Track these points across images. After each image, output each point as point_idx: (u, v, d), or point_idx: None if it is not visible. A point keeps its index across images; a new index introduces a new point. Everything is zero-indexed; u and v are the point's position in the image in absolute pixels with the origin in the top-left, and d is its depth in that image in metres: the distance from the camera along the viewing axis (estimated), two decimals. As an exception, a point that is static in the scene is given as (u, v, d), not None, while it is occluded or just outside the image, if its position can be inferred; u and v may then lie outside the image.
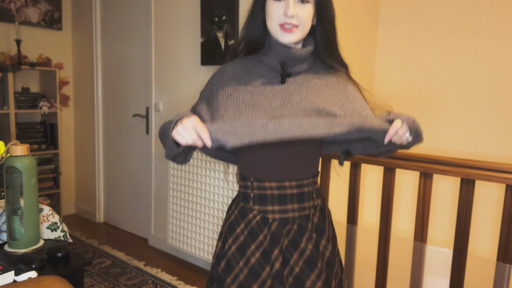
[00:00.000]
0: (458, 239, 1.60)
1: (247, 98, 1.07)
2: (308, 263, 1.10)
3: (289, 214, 1.12)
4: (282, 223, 1.11)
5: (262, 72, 1.12)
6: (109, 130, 3.51)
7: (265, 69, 1.12)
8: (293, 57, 1.09)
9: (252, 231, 1.12)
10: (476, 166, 1.53)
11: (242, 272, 1.09)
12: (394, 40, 2.90)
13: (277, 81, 1.11)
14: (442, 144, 2.75)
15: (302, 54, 1.10)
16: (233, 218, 1.16)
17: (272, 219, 1.12)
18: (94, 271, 2.62)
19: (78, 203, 3.86)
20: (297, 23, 1.05)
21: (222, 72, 1.16)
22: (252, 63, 1.14)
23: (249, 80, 1.11)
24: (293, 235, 1.11)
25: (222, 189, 2.45)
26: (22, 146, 1.21)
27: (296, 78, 1.12)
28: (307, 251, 1.11)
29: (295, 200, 1.12)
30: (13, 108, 3.13)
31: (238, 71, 1.13)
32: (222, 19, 2.46)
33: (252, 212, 1.13)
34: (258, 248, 1.10)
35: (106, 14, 3.41)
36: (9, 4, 3.24)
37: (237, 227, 1.14)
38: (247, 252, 1.10)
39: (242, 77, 1.12)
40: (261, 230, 1.11)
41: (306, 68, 1.13)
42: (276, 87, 1.09)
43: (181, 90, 2.82)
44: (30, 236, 1.24)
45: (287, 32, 1.06)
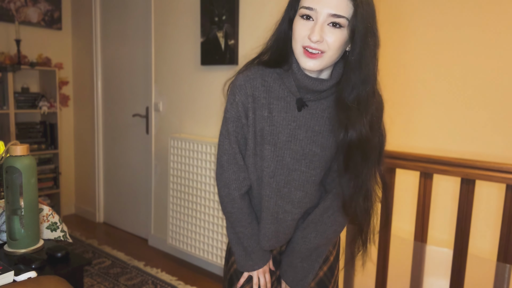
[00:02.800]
0: (458, 239, 1.60)
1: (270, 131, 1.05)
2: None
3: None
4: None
5: (281, 92, 1.05)
6: (109, 130, 3.51)
7: (284, 89, 1.05)
8: (312, 89, 1.01)
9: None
10: (476, 166, 1.53)
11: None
12: (394, 39, 2.90)
13: (293, 105, 1.04)
14: (442, 144, 2.75)
15: (322, 88, 1.01)
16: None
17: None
18: (94, 271, 2.62)
19: (78, 203, 3.86)
20: (323, 49, 0.93)
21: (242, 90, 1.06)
22: (272, 77, 1.06)
23: (267, 103, 1.05)
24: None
25: (222, 189, 2.45)
26: (21, 146, 1.20)
27: (312, 104, 1.04)
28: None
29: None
30: (13, 108, 3.12)
31: (259, 89, 1.05)
32: (222, 19, 2.46)
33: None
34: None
35: (106, 14, 3.41)
36: (9, 4, 3.23)
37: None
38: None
39: (261, 98, 1.05)
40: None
41: (325, 96, 1.04)
42: (289, 114, 1.04)
43: (181, 90, 2.82)
44: (30, 236, 1.23)
45: (311, 58, 0.94)
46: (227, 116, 1.09)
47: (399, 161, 1.71)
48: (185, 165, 2.65)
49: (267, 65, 1.06)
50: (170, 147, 2.73)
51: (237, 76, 1.08)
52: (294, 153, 1.04)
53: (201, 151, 2.54)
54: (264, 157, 1.06)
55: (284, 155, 1.04)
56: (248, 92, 1.05)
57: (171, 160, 2.74)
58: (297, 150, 1.04)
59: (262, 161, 1.07)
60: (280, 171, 1.06)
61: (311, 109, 1.04)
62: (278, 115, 1.04)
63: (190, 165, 2.61)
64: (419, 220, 1.71)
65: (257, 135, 1.06)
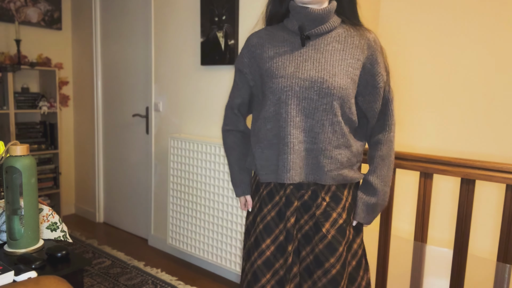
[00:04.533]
0: (458, 239, 1.60)
1: (268, 67, 1.19)
2: (316, 227, 1.20)
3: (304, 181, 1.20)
4: (296, 188, 1.21)
5: (285, 36, 1.21)
6: (109, 130, 3.51)
7: (288, 33, 1.21)
8: (311, 17, 1.15)
9: (270, 192, 1.25)
10: (476, 166, 1.53)
11: (259, 226, 1.24)
12: (394, 39, 2.90)
13: (298, 44, 1.18)
14: (442, 144, 2.75)
15: (319, 13, 1.14)
16: (258, 179, 1.31)
17: (287, 184, 1.21)
18: (94, 271, 2.62)
19: (78, 203, 3.86)
20: None
21: (247, 43, 1.27)
22: (277, 28, 1.25)
23: (272, 46, 1.21)
24: (305, 199, 1.21)
25: (222, 189, 2.45)
26: (21, 146, 1.20)
27: (316, 41, 1.17)
28: (315, 217, 1.20)
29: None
30: (12, 108, 3.12)
31: (263, 37, 1.24)
32: (222, 19, 2.46)
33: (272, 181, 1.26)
34: (274, 207, 1.23)
35: (106, 14, 3.41)
36: (9, 4, 3.24)
37: (261, 187, 1.29)
38: (264, 210, 1.25)
39: (266, 43, 1.23)
40: (277, 192, 1.23)
41: (328, 29, 1.17)
42: (295, 52, 1.17)
43: (181, 90, 2.82)
44: (30, 236, 1.23)
45: None
46: (235, 67, 1.32)
47: (399, 161, 1.71)
48: (185, 165, 2.65)
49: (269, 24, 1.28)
50: (170, 147, 2.73)
51: None
52: (303, 82, 1.14)
53: (201, 151, 2.54)
54: (274, 90, 1.17)
55: (293, 85, 1.14)
56: (253, 42, 1.25)
57: (171, 160, 2.74)
58: (305, 79, 1.14)
59: (274, 95, 1.17)
60: (291, 100, 1.15)
61: (315, 45, 1.17)
62: (284, 53, 1.18)
63: (190, 165, 2.61)
64: (419, 220, 1.71)
65: (266, 75, 1.19)
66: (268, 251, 1.22)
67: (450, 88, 2.71)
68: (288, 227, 1.20)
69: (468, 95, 2.64)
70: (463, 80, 2.65)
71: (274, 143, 1.20)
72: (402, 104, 2.90)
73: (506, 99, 2.52)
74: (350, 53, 1.17)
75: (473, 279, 1.61)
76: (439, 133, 2.76)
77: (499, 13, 2.50)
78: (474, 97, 2.62)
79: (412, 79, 2.85)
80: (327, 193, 1.20)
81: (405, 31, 2.85)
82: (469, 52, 2.62)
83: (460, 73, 2.66)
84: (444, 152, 2.69)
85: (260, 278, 1.21)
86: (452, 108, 2.70)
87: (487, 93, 2.58)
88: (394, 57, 2.91)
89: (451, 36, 2.68)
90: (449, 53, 2.69)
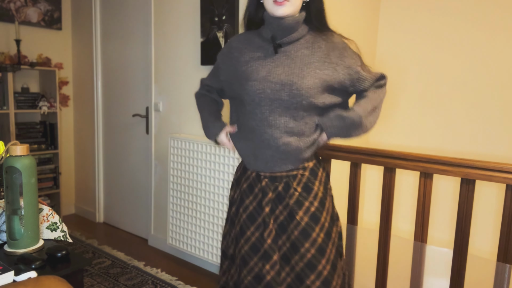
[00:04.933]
0: (458, 239, 1.60)
1: (244, 70, 1.33)
2: (290, 215, 1.32)
3: (277, 174, 1.34)
4: (271, 180, 1.35)
5: (260, 43, 1.35)
6: (109, 130, 3.51)
7: (263, 40, 1.35)
8: (283, 27, 1.29)
9: (250, 185, 1.39)
10: (476, 166, 1.53)
11: (242, 216, 1.38)
12: (394, 39, 2.90)
13: (272, 51, 1.32)
14: (442, 144, 2.75)
15: (290, 23, 1.29)
16: (239, 174, 1.45)
17: (263, 176, 1.36)
18: (94, 271, 2.62)
19: (78, 203, 3.86)
20: None
21: (229, 44, 1.44)
22: (254, 34, 1.40)
23: (249, 51, 1.36)
24: (280, 190, 1.34)
25: (222, 189, 2.45)
26: (21, 146, 1.20)
27: (287, 48, 1.32)
28: (289, 207, 1.32)
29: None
30: (12, 108, 3.12)
31: (242, 42, 1.40)
32: (222, 19, 2.46)
33: (250, 170, 1.40)
34: (255, 198, 1.37)
35: (106, 14, 3.41)
36: (9, 4, 3.24)
37: (241, 181, 1.42)
38: (245, 201, 1.38)
39: (243, 47, 1.38)
40: (256, 185, 1.37)
41: (297, 37, 1.31)
42: (268, 58, 1.32)
43: (181, 90, 2.82)
44: (30, 236, 1.23)
45: (279, 5, 1.25)
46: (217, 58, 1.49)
47: (399, 161, 1.71)
48: (185, 165, 2.65)
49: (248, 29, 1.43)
50: (170, 147, 2.73)
51: None
52: (274, 85, 1.27)
53: (201, 151, 2.54)
54: (249, 92, 1.30)
55: (265, 88, 1.28)
56: (233, 45, 1.41)
57: (171, 160, 2.74)
58: (276, 82, 1.27)
59: (248, 96, 1.30)
60: (264, 102, 1.29)
61: (286, 51, 1.31)
62: (258, 59, 1.32)
63: (190, 165, 2.61)
64: (419, 220, 1.71)
65: (242, 77, 1.33)
66: (253, 237, 1.35)
67: (450, 88, 2.71)
68: (263, 215, 1.34)
69: (468, 95, 2.64)
70: (464, 80, 2.65)
71: (250, 137, 1.35)
72: (402, 103, 2.90)
73: (506, 99, 2.52)
74: (318, 56, 1.30)
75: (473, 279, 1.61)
76: (439, 133, 2.76)
77: (500, 15, 2.50)
78: (474, 97, 2.62)
79: (413, 79, 2.85)
80: (298, 184, 1.33)
81: (405, 31, 2.85)
82: (471, 52, 2.62)
83: (460, 73, 2.66)
84: (444, 152, 2.69)
85: (248, 262, 1.34)
86: (452, 108, 2.70)
87: (488, 93, 2.58)
88: (394, 56, 2.91)
89: (451, 36, 2.68)
90: (449, 53, 2.69)
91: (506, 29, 2.48)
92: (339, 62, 1.32)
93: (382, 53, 2.95)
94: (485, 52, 2.56)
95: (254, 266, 1.33)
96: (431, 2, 2.73)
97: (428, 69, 2.77)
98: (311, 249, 1.29)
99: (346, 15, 2.56)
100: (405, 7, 2.83)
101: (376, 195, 2.93)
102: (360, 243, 1.95)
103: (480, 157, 2.54)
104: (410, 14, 2.81)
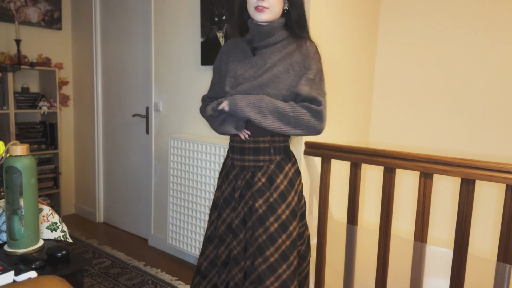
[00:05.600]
0: (458, 239, 1.60)
1: (230, 69, 1.52)
2: (253, 202, 1.47)
3: (246, 163, 1.50)
4: (241, 169, 1.52)
5: (244, 46, 1.54)
6: (109, 130, 3.51)
7: (245, 44, 1.53)
8: (260, 32, 1.45)
9: (227, 172, 1.57)
10: (476, 166, 1.53)
11: (219, 200, 1.58)
12: (394, 39, 2.90)
13: (250, 53, 1.50)
14: (442, 144, 2.75)
15: (266, 29, 1.44)
16: (223, 162, 1.63)
17: (235, 165, 1.53)
18: (94, 271, 2.62)
19: (78, 203, 3.86)
20: (267, 5, 1.40)
21: (221, 50, 1.62)
22: (241, 39, 1.58)
23: (234, 53, 1.55)
24: (247, 179, 1.49)
25: (222, 189, 2.45)
26: (21, 146, 1.20)
27: (263, 51, 1.48)
28: (250, 194, 1.48)
29: (251, 152, 1.49)
30: (12, 108, 3.13)
31: (230, 47, 1.59)
32: (222, 19, 2.46)
33: (228, 158, 1.58)
34: (229, 184, 1.54)
35: (106, 14, 3.41)
36: (9, 4, 3.24)
37: (223, 168, 1.61)
38: (222, 187, 1.58)
39: (231, 51, 1.57)
40: (231, 172, 1.55)
41: (274, 41, 1.46)
42: (247, 59, 1.50)
43: (181, 90, 2.82)
44: (30, 236, 1.24)
45: (259, 12, 1.41)
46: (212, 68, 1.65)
47: (399, 161, 1.71)
48: (185, 165, 2.65)
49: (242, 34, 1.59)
50: (170, 147, 2.73)
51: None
52: (251, 81, 1.44)
53: (201, 151, 2.54)
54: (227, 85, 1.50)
55: (243, 83, 1.46)
56: (224, 50, 1.60)
57: (171, 160, 2.74)
58: (251, 79, 1.45)
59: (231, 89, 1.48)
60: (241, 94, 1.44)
61: (261, 54, 1.48)
62: (239, 60, 1.51)
63: (190, 165, 2.61)
64: (419, 220, 1.71)
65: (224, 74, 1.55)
66: (228, 218, 1.54)
67: (450, 88, 2.71)
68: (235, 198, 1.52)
69: (468, 95, 2.64)
70: (464, 80, 2.65)
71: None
72: (403, 103, 2.90)
73: (506, 99, 2.52)
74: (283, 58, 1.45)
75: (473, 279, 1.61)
76: (439, 133, 2.76)
77: (499, 15, 2.50)
78: (474, 97, 2.62)
79: (413, 79, 2.85)
80: (263, 175, 1.47)
81: (405, 31, 2.85)
82: (470, 52, 2.62)
83: (460, 73, 2.66)
84: (444, 152, 2.69)
85: (225, 239, 1.54)
86: (452, 108, 2.70)
87: (487, 93, 2.58)
88: (394, 56, 2.91)
89: (451, 36, 2.68)
90: (449, 53, 2.69)
91: (504, 28, 2.48)
92: (300, 71, 1.45)
93: (382, 53, 2.95)
94: (485, 52, 2.56)
95: (230, 242, 1.52)
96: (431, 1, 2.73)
97: (428, 69, 2.77)
98: (263, 235, 1.44)
99: (346, 15, 2.56)
100: (405, 6, 2.84)
101: (376, 195, 2.93)
102: (360, 243, 1.95)
103: (480, 157, 2.54)
104: (411, 14, 2.82)
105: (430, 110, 2.80)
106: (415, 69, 2.83)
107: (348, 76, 2.60)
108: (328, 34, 2.32)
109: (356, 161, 1.86)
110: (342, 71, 2.54)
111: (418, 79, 2.83)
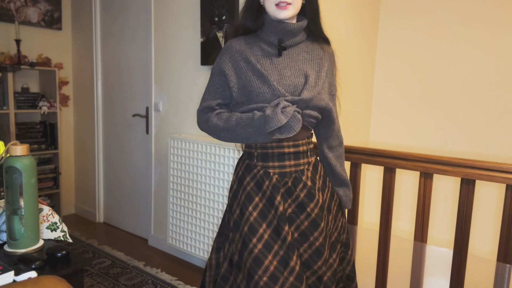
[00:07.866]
0: (458, 239, 1.60)
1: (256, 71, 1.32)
2: (300, 207, 1.35)
3: (287, 169, 1.37)
4: (281, 176, 1.36)
5: (262, 46, 1.37)
6: (109, 130, 3.51)
7: (264, 44, 1.37)
8: (288, 31, 1.33)
9: (258, 183, 1.37)
10: (476, 166, 1.53)
11: (252, 214, 1.34)
12: (395, 38, 2.90)
13: (274, 53, 1.36)
14: (442, 144, 2.75)
15: (295, 27, 1.34)
16: (241, 173, 1.42)
17: (272, 173, 1.36)
18: (94, 271, 2.62)
19: (78, 203, 3.86)
20: (290, 1, 1.30)
21: (230, 49, 1.39)
22: (252, 39, 1.39)
23: (253, 54, 1.35)
24: (289, 185, 1.36)
25: (222, 189, 2.45)
26: (21, 146, 1.20)
27: (289, 51, 1.36)
28: (299, 199, 1.35)
29: (292, 157, 1.37)
30: (12, 108, 3.12)
31: (243, 45, 1.38)
32: (222, 19, 2.46)
33: (256, 168, 1.38)
34: (264, 195, 1.35)
35: (106, 14, 3.41)
36: (9, 4, 3.24)
37: (244, 179, 1.39)
38: (255, 199, 1.35)
39: (247, 50, 1.36)
40: (264, 182, 1.36)
41: (299, 41, 1.37)
42: (274, 60, 1.34)
43: (181, 90, 2.82)
44: (30, 236, 1.24)
45: (282, 9, 1.30)
46: (215, 71, 1.41)
47: (399, 161, 1.71)
48: (185, 165, 2.65)
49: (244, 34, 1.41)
50: (170, 147, 2.73)
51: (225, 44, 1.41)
52: (287, 87, 1.31)
53: (201, 151, 2.54)
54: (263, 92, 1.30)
55: (280, 89, 1.29)
56: (236, 48, 1.38)
57: (171, 160, 2.74)
58: (289, 84, 1.31)
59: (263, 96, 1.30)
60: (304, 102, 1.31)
61: (288, 54, 1.36)
62: (265, 62, 1.34)
63: (190, 165, 2.61)
64: (419, 220, 1.71)
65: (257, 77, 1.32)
66: (265, 234, 1.32)
67: (450, 88, 2.71)
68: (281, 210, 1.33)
69: (469, 95, 2.64)
70: (464, 80, 2.65)
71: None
72: (403, 103, 2.90)
73: (506, 99, 2.52)
74: (316, 62, 1.38)
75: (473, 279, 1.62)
76: (439, 133, 2.76)
77: (505, 16, 2.50)
78: (475, 97, 2.62)
79: (413, 79, 2.85)
80: (307, 179, 1.38)
81: (405, 32, 2.85)
82: (471, 52, 2.62)
83: (460, 73, 2.66)
84: (444, 152, 2.69)
85: (263, 261, 1.29)
86: (452, 108, 2.70)
87: (488, 93, 2.58)
88: (395, 56, 2.91)
89: (451, 36, 2.68)
90: (449, 53, 2.69)
91: (504, 28, 2.48)
92: (331, 81, 1.43)
93: (382, 53, 2.95)
94: (485, 52, 2.56)
95: (269, 265, 1.28)
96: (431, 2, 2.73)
97: (428, 69, 2.77)
98: (319, 238, 1.36)
99: (346, 15, 2.56)
100: (405, 6, 2.83)
101: (376, 195, 2.93)
102: (360, 243, 1.95)
103: (480, 157, 2.54)
104: (410, 14, 2.81)
105: (430, 110, 2.79)
106: (415, 69, 2.83)
107: (348, 76, 2.60)
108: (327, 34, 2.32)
109: (356, 161, 1.86)
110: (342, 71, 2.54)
111: (418, 79, 2.83)
